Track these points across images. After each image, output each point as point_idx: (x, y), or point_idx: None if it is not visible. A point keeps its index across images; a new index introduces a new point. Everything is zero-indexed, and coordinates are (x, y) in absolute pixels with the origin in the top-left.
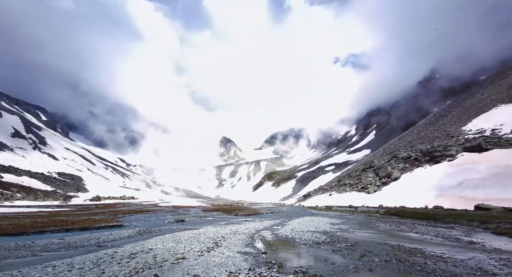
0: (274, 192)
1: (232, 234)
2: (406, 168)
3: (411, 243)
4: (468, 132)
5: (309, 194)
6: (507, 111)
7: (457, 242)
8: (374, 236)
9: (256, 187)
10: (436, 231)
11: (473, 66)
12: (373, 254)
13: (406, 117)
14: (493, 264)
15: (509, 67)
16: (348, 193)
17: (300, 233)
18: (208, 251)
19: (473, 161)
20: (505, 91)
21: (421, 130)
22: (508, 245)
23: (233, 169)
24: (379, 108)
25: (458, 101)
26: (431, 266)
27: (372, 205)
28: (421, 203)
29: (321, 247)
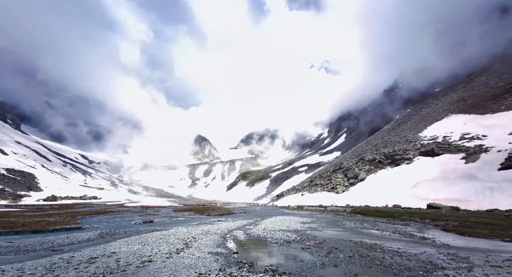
0: (248, 191)
1: (204, 235)
2: (371, 169)
3: (372, 239)
4: (423, 138)
5: (282, 194)
6: (456, 120)
7: (411, 238)
8: (341, 234)
9: (230, 186)
10: (394, 227)
11: (429, 79)
12: (339, 251)
13: (373, 123)
14: (442, 259)
15: (459, 82)
16: (319, 193)
17: (271, 232)
18: (177, 252)
19: (427, 164)
20: (455, 103)
21: (385, 135)
22: (455, 241)
23: (207, 168)
24: (350, 113)
25: (416, 110)
26: (388, 260)
27: (340, 205)
28: (383, 202)
29: (291, 246)
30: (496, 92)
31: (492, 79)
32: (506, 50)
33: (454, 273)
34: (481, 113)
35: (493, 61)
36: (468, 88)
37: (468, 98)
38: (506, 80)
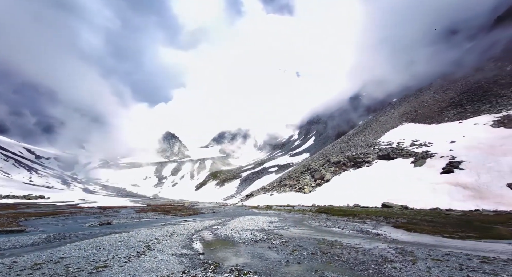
0: (218, 191)
1: (168, 236)
2: (336, 171)
3: (333, 237)
4: (381, 143)
5: (252, 193)
6: (408, 128)
7: (367, 234)
8: (305, 232)
9: (200, 186)
10: (353, 225)
11: (387, 90)
12: (303, 248)
13: (339, 127)
14: (391, 252)
15: (411, 94)
16: (287, 193)
17: (239, 232)
18: (137, 256)
19: (383, 167)
20: (408, 113)
21: (349, 139)
22: (403, 237)
23: (176, 167)
24: (319, 117)
25: (376, 117)
26: (346, 255)
27: (307, 204)
28: (345, 202)
29: (258, 245)
30: (441, 105)
31: (438, 93)
32: (449, 68)
33: (400, 265)
34: (428, 123)
35: (439, 78)
36: (418, 100)
37: (418, 109)
38: (450, 95)
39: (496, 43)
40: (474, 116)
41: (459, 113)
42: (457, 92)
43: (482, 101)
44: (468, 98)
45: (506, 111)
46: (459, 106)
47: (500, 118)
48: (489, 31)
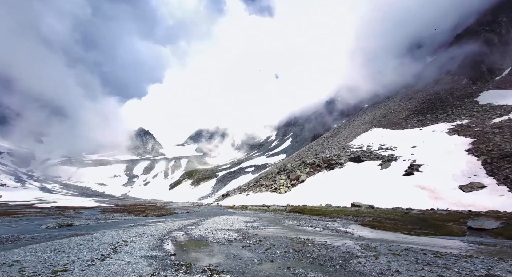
0: (193, 190)
1: (138, 237)
2: (311, 172)
3: (305, 235)
4: (353, 146)
5: (228, 193)
6: (377, 133)
7: (337, 232)
8: (279, 231)
9: (174, 185)
10: (324, 224)
11: (359, 97)
12: (276, 247)
13: (315, 130)
14: (357, 249)
15: (380, 101)
16: (263, 193)
17: (214, 232)
18: (102, 259)
19: (354, 169)
20: (377, 119)
21: (324, 142)
22: (369, 234)
23: (149, 165)
24: (296, 119)
25: (349, 121)
26: (317, 252)
27: (282, 204)
28: (318, 202)
29: (232, 244)
30: (405, 113)
31: (403, 102)
32: (413, 80)
33: (365, 260)
34: (394, 128)
35: (404, 87)
36: (386, 107)
37: (386, 116)
38: (413, 104)
39: (453, 59)
40: (433, 124)
41: (420, 121)
42: (419, 101)
43: (440, 111)
44: (428, 108)
45: (460, 120)
46: (421, 114)
47: (454, 126)
48: (448, 47)
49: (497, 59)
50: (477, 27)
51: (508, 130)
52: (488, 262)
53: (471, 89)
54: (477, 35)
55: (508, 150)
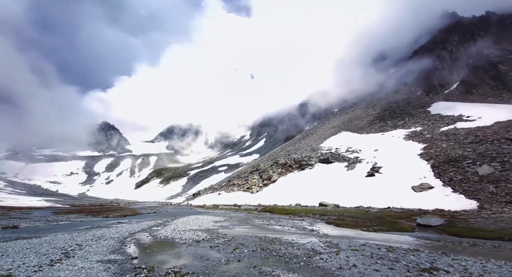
0: (162, 190)
1: (95, 241)
2: (283, 172)
3: (274, 234)
4: (323, 148)
5: (199, 192)
6: (345, 136)
7: (304, 231)
8: (249, 231)
9: (141, 184)
10: (293, 223)
11: (330, 101)
12: (244, 246)
13: (288, 131)
14: (321, 246)
15: (348, 107)
16: (235, 193)
17: (181, 233)
18: (51, 264)
19: (323, 170)
20: (345, 123)
21: (296, 143)
22: (333, 231)
23: (113, 162)
24: (270, 120)
25: (320, 124)
26: (283, 250)
27: (253, 204)
28: (289, 201)
29: (200, 245)
30: (370, 119)
31: (368, 108)
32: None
33: (327, 256)
34: (360, 133)
35: (369, 95)
36: (354, 113)
37: (353, 120)
38: (377, 110)
39: (411, 72)
40: (393, 130)
41: (382, 126)
42: (382, 109)
43: (398, 118)
44: (389, 115)
45: (414, 127)
46: (383, 121)
47: (410, 133)
48: (407, 61)
49: (447, 74)
50: (432, 44)
51: (453, 138)
52: (432, 256)
53: (424, 100)
54: (431, 52)
55: (452, 155)
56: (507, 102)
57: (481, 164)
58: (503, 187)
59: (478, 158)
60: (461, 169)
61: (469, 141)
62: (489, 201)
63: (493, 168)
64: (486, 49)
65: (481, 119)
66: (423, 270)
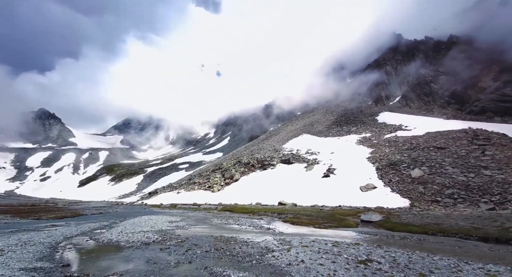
0: (113, 188)
1: (20, 246)
2: (245, 171)
3: (231, 233)
4: (285, 149)
5: (156, 191)
6: (306, 138)
7: (261, 229)
8: (205, 230)
9: (86, 181)
10: (251, 221)
11: (293, 104)
12: (198, 247)
13: (252, 131)
14: (275, 244)
15: (311, 111)
16: (196, 191)
17: (129, 235)
18: None
19: (285, 170)
20: (307, 126)
21: (260, 143)
22: (288, 229)
23: (51, 156)
24: (236, 119)
25: (284, 126)
26: (237, 250)
27: (214, 203)
28: (250, 201)
29: (149, 247)
30: (328, 124)
31: (327, 113)
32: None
33: (278, 253)
34: (319, 136)
35: (328, 101)
36: (314, 117)
37: (314, 124)
38: (334, 116)
39: (364, 83)
40: (347, 135)
41: (338, 131)
42: (339, 115)
43: (352, 125)
44: (345, 121)
45: (365, 133)
46: (339, 126)
47: (361, 138)
48: (361, 73)
49: (392, 88)
50: (382, 60)
51: (394, 145)
52: (369, 248)
53: (374, 110)
54: (381, 67)
55: (393, 160)
56: (436, 116)
57: (414, 168)
58: (429, 188)
59: (412, 162)
60: (398, 171)
61: (406, 148)
62: (418, 199)
63: (422, 171)
64: (422, 69)
65: (416, 129)
66: (360, 262)
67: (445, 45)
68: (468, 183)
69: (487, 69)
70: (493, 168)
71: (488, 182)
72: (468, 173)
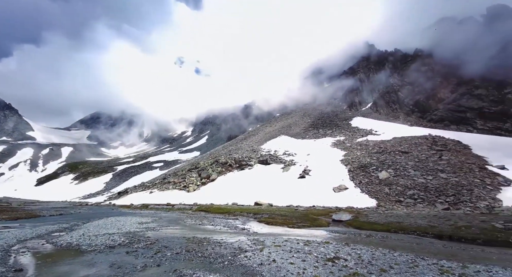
0: (77, 187)
1: None
2: (223, 171)
3: (204, 234)
4: (263, 150)
5: (127, 191)
6: (284, 140)
7: (235, 229)
8: (177, 232)
9: (46, 179)
10: (226, 222)
11: (272, 106)
12: (168, 249)
13: (231, 131)
14: (248, 244)
15: (289, 113)
16: (170, 191)
17: (92, 238)
18: None
19: (262, 170)
20: (285, 127)
21: (238, 143)
22: (262, 229)
23: (4, 150)
24: (214, 118)
25: (263, 127)
26: (210, 251)
27: (189, 203)
28: (226, 201)
29: (114, 251)
30: (305, 126)
31: (305, 116)
32: (312, 99)
33: (251, 254)
34: (296, 138)
35: (306, 104)
36: (292, 119)
37: (292, 126)
38: (312, 119)
39: (340, 89)
40: (323, 138)
41: (315, 134)
42: (316, 118)
43: (328, 128)
44: (321, 124)
45: (339, 137)
46: (315, 128)
47: (335, 141)
48: (338, 79)
49: (364, 95)
50: (356, 68)
51: (365, 148)
52: (337, 246)
53: (348, 114)
54: (355, 74)
55: (363, 162)
56: (402, 122)
57: (381, 170)
58: (394, 189)
59: (380, 165)
60: (368, 173)
61: (375, 151)
62: (384, 199)
63: (388, 173)
64: (391, 78)
65: (384, 134)
66: (328, 259)
67: (411, 57)
68: (427, 185)
69: (446, 81)
70: (449, 171)
71: (444, 184)
72: (427, 175)
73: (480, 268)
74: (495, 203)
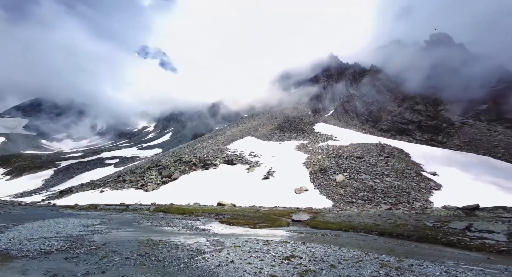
0: (8, 184)
1: None
2: (186, 170)
3: (160, 236)
4: (229, 150)
5: (71, 189)
6: (250, 141)
7: (195, 230)
8: (130, 234)
9: None
10: (186, 223)
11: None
12: (117, 254)
13: (196, 129)
14: (207, 245)
15: (257, 114)
16: (125, 190)
17: (24, 242)
18: None
19: (227, 170)
20: (252, 128)
21: (204, 142)
22: (223, 230)
23: None
24: (180, 115)
25: (230, 127)
26: (165, 254)
27: (147, 203)
28: (187, 201)
29: (50, 257)
30: (272, 128)
31: (272, 119)
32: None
33: (209, 255)
34: (263, 139)
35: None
36: (260, 121)
37: (258, 128)
38: (278, 121)
39: (305, 94)
40: (288, 141)
41: (280, 136)
42: (282, 121)
43: (293, 131)
44: (287, 127)
45: (303, 140)
46: (281, 131)
47: (299, 145)
48: (304, 85)
49: (327, 102)
50: (321, 76)
51: (325, 152)
52: (294, 245)
53: (312, 119)
54: (319, 82)
55: (323, 166)
56: (357, 130)
57: (338, 173)
58: (348, 191)
59: (337, 169)
60: (327, 176)
61: (334, 155)
62: (339, 201)
63: (344, 176)
64: (350, 88)
65: (343, 140)
66: (285, 258)
67: (367, 72)
68: (375, 187)
69: (394, 96)
70: (392, 175)
71: (388, 186)
72: (375, 179)
73: (413, 262)
74: (427, 204)
